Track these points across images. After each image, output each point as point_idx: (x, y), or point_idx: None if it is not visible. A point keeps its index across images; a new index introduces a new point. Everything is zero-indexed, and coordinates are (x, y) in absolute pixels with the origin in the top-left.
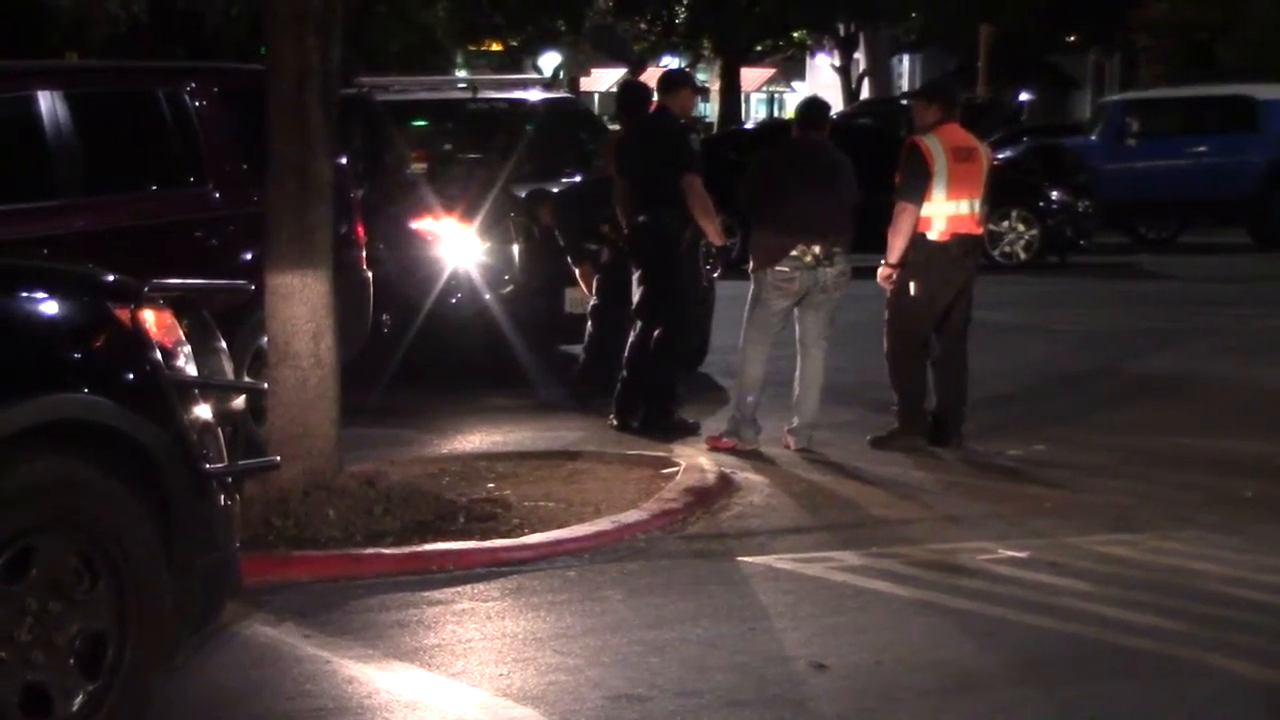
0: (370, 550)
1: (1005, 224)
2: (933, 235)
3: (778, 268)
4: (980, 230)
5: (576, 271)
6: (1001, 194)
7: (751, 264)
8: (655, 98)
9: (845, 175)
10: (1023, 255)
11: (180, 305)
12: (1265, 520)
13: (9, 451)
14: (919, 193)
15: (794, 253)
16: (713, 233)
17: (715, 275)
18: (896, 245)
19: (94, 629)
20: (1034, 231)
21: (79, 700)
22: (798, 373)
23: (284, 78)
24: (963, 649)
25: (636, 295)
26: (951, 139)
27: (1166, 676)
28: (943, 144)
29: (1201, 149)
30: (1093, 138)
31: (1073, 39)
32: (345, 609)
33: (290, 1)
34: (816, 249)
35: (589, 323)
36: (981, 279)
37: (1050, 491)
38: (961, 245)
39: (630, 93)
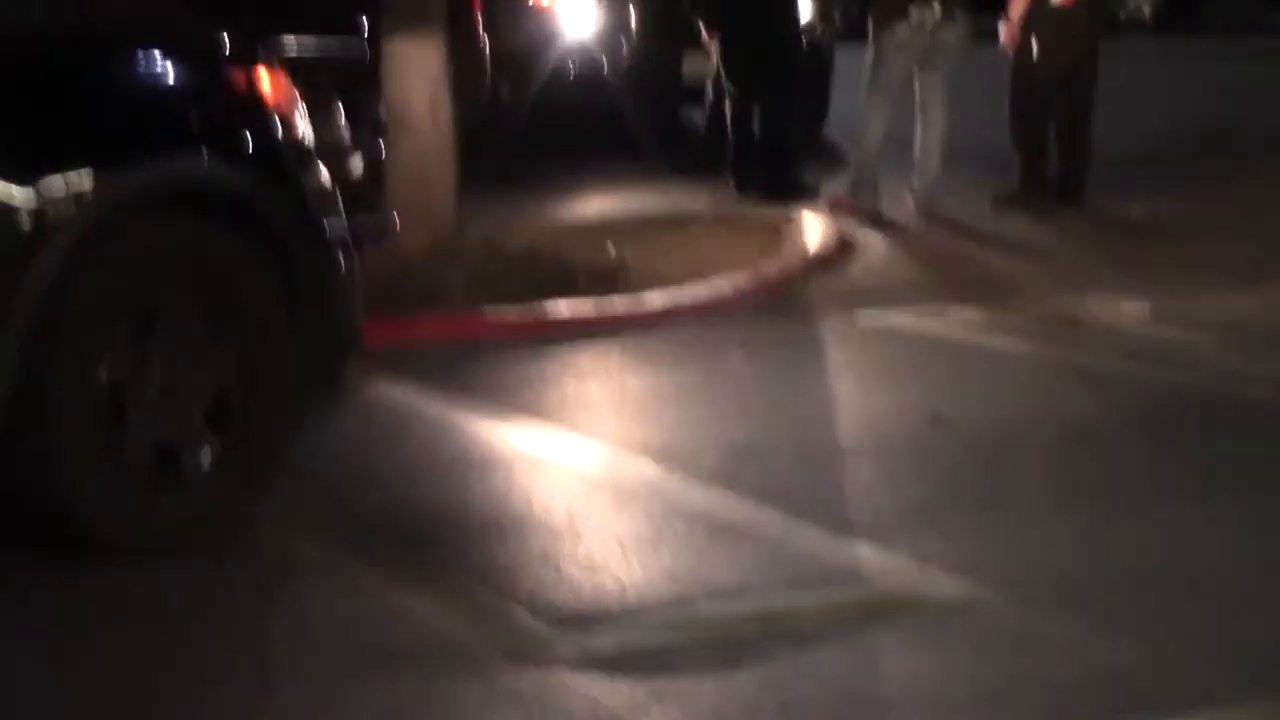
0: (491, 311)
1: None
2: None
3: (897, 27)
4: None
5: (704, 34)
6: None
7: (871, 24)
8: None
9: None
10: (1146, 17)
11: (298, 67)
12: None
13: (131, 213)
14: None
15: (915, 11)
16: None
17: (834, 34)
18: (1019, 3)
19: (221, 388)
20: None
21: (207, 457)
22: (918, 133)
23: None
24: (1084, 402)
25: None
26: None
27: None
28: None
29: None
30: None
31: None
32: (468, 368)
33: None
34: (936, 7)
35: (709, 89)
36: (1109, 40)
37: (1173, 248)
38: (1087, 4)
39: None
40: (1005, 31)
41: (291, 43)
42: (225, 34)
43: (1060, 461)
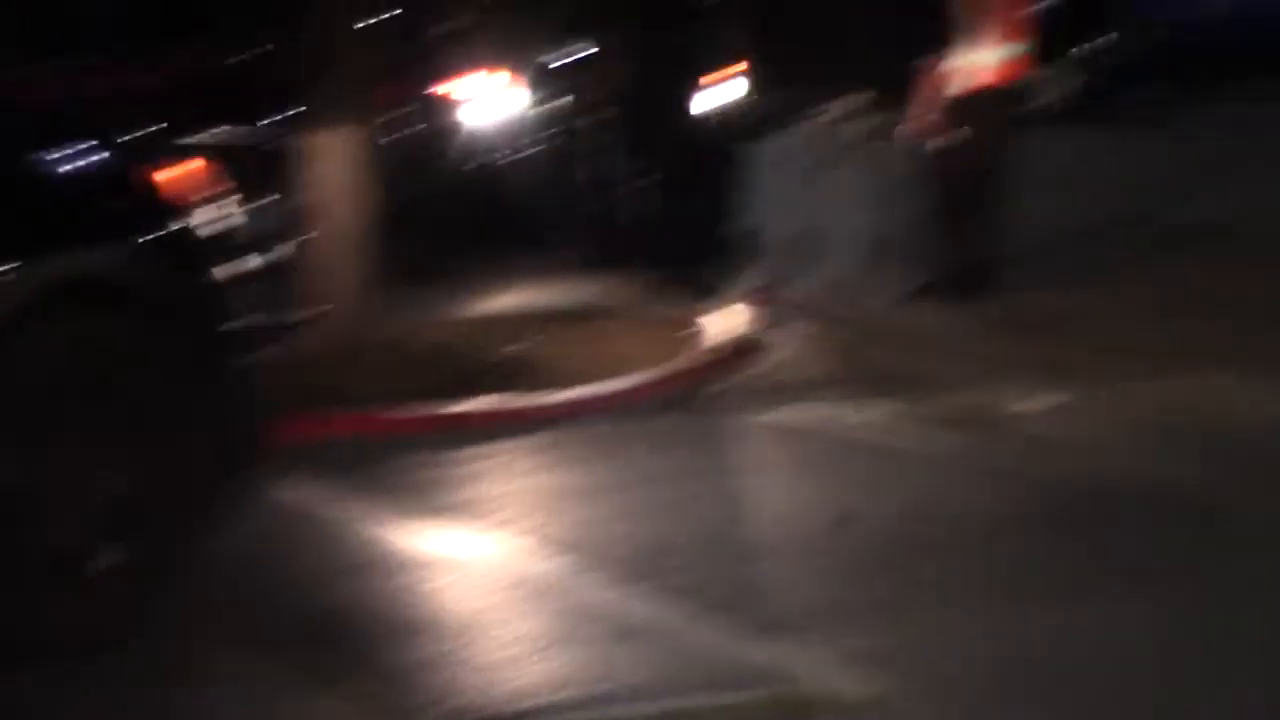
0: (400, 409)
1: (1046, 72)
2: (975, 82)
3: (814, 121)
4: (1017, 78)
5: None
6: (1042, 43)
7: (789, 116)
8: None
9: (882, 26)
10: (1060, 105)
11: (210, 157)
12: None
13: (23, 309)
14: (959, 38)
15: (833, 105)
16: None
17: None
18: (938, 93)
19: (120, 490)
20: (1078, 80)
21: (108, 559)
22: (829, 225)
23: None
24: (994, 497)
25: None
26: None
27: (1201, 521)
28: None
29: None
30: None
31: None
32: (376, 467)
33: None
34: (853, 101)
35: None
36: (1020, 131)
37: (1085, 340)
38: (1001, 93)
39: None
40: (914, 122)
41: (202, 132)
42: (128, 124)
43: (970, 557)
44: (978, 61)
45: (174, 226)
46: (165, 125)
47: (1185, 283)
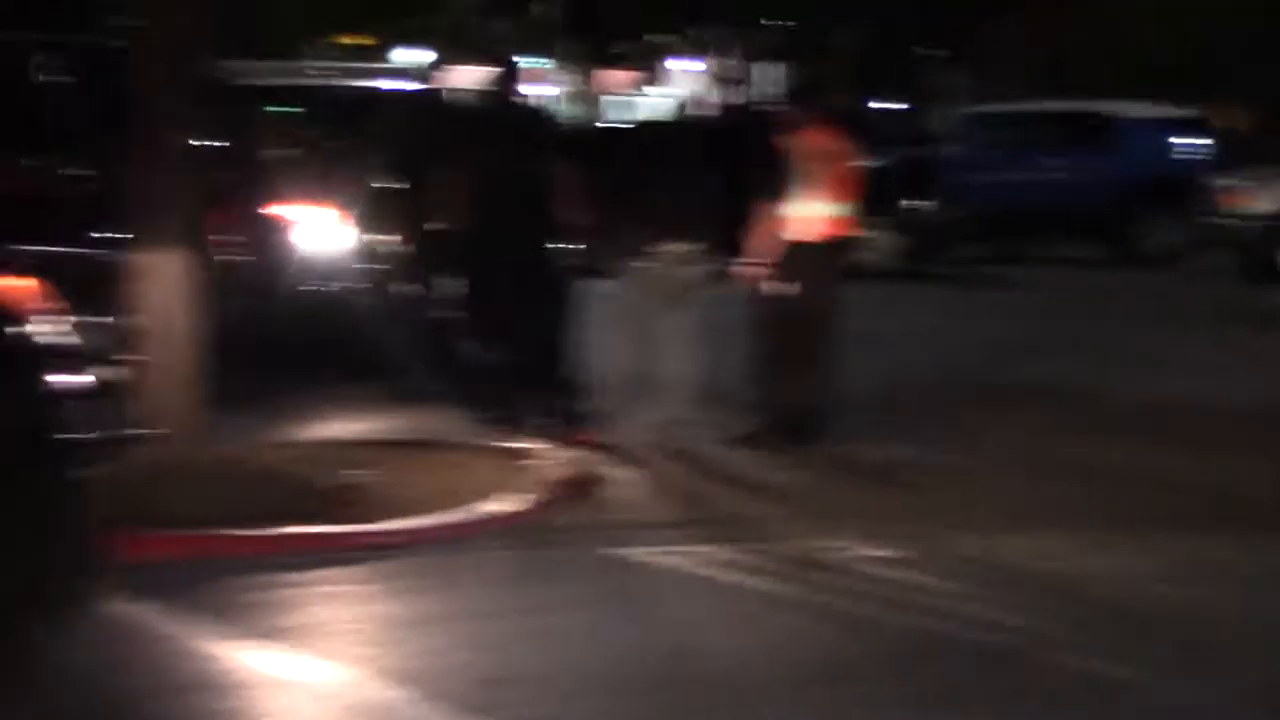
0: (232, 531)
1: (872, 231)
2: (797, 236)
3: (644, 263)
4: (846, 233)
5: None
6: (868, 201)
7: (618, 258)
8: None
9: (711, 174)
10: (889, 263)
11: (41, 272)
12: (1126, 524)
13: None
14: (784, 192)
15: (660, 248)
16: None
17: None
18: (760, 244)
19: None
20: (900, 240)
21: None
22: (662, 368)
23: (149, 49)
24: (822, 642)
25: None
26: (818, 141)
27: (1022, 672)
28: (810, 146)
29: (1060, 164)
30: (954, 148)
31: (934, 52)
32: (206, 589)
33: None
34: (681, 247)
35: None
36: (848, 285)
37: (914, 492)
38: (826, 247)
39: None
40: (747, 270)
41: (35, 248)
42: None
43: (795, 703)
44: (810, 213)
45: (4, 336)
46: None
47: (1010, 441)
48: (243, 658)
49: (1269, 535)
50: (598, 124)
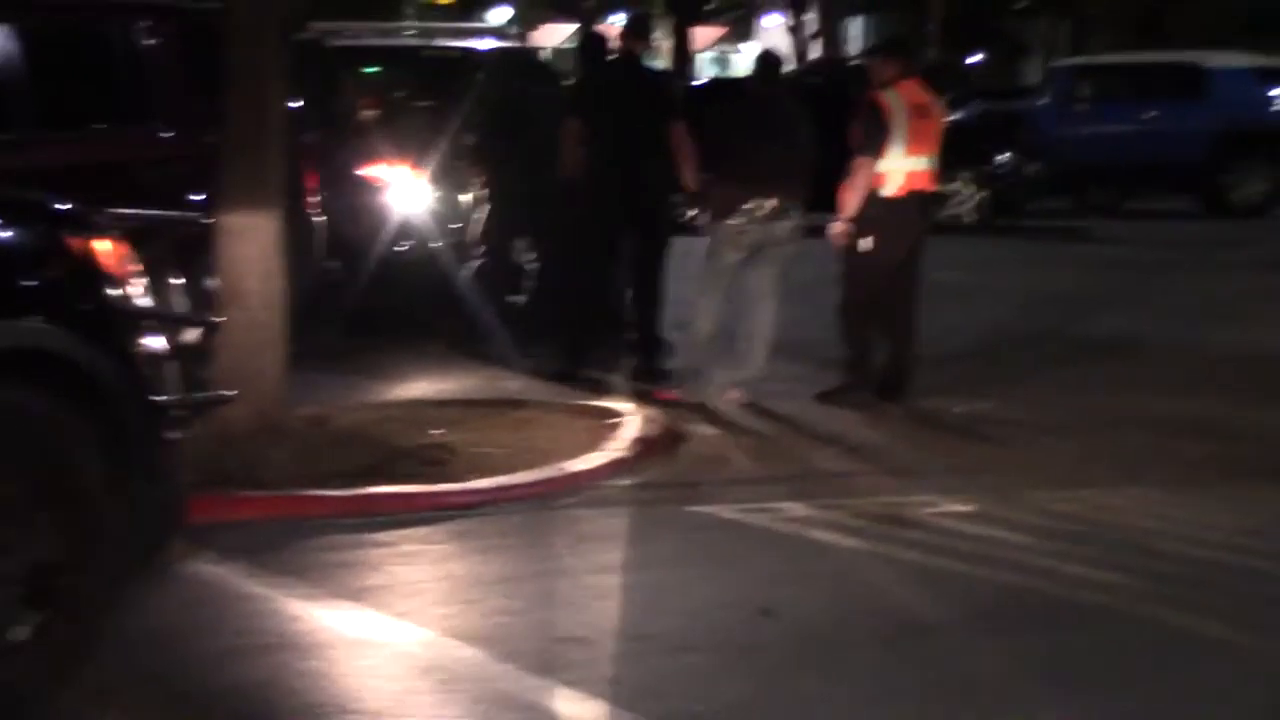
0: (316, 492)
1: (954, 185)
2: (889, 191)
3: (731, 220)
4: (934, 187)
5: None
6: (950, 156)
7: (706, 216)
8: (620, 44)
9: (801, 130)
10: (972, 217)
11: (133, 236)
12: (1208, 480)
13: None
14: (877, 147)
15: (748, 206)
16: (692, 182)
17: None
18: (853, 200)
19: (40, 559)
20: (983, 194)
21: (23, 630)
22: (745, 326)
23: (241, 11)
24: (908, 598)
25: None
26: (910, 95)
27: (1111, 628)
28: (902, 99)
29: (1151, 115)
30: (1042, 102)
31: (1024, 4)
32: (291, 549)
33: None
34: (771, 203)
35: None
36: (930, 239)
37: (996, 447)
38: (917, 202)
39: (592, 43)
40: (837, 226)
41: (127, 212)
42: (59, 201)
43: (886, 658)
44: (898, 168)
45: (95, 301)
46: (85, 202)
47: (1092, 396)
48: (326, 618)
49: None
50: (692, 81)
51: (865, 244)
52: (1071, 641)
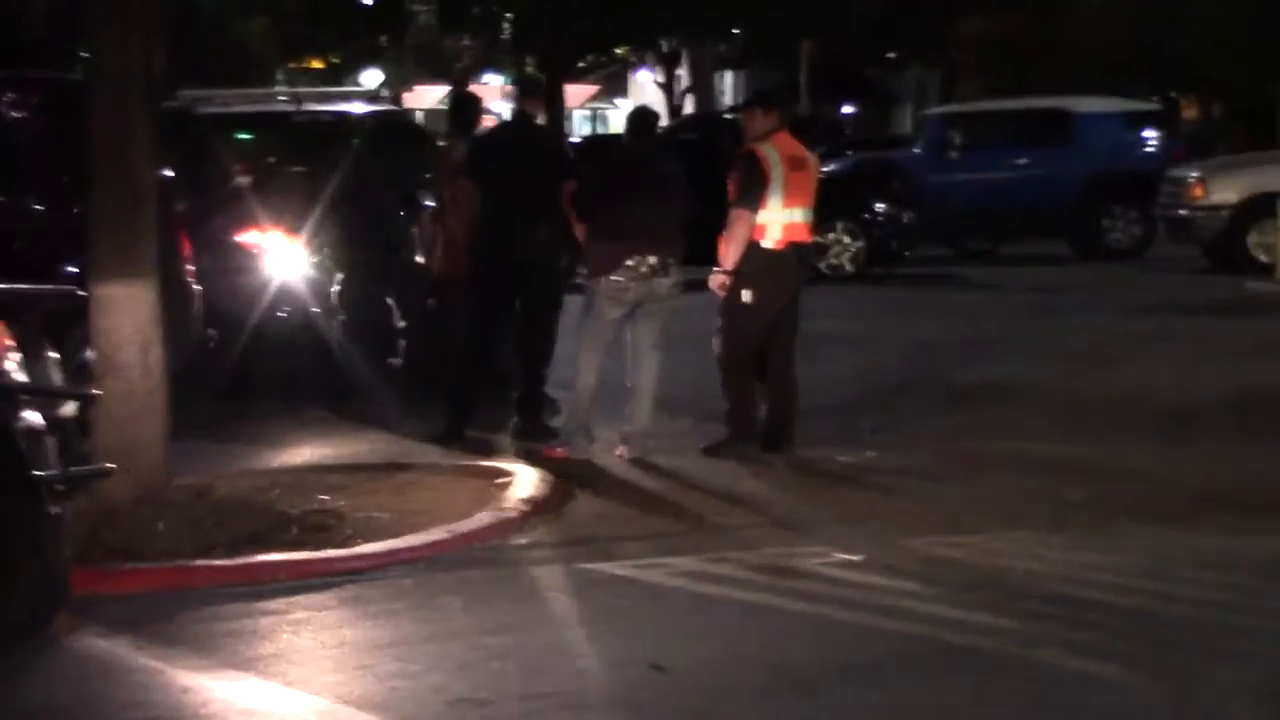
0: (202, 561)
1: (831, 236)
2: (768, 243)
3: (612, 277)
4: (810, 239)
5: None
6: (827, 206)
7: (586, 273)
8: (509, 105)
9: (678, 185)
10: (849, 267)
11: (7, 311)
12: (1089, 521)
13: None
14: (756, 200)
15: (629, 262)
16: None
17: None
18: (732, 252)
19: None
20: (859, 243)
21: None
22: (629, 381)
23: (106, 79)
24: (798, 650)
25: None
26: (786, 148)
27: (998, 673)
28: (778, 152)
29: (1021, 161)
30: (915, 150)
31: (893, 55)
32: (178, 620)
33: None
34: (651, 259)
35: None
36: (808, 289)
37: (881, 496)
38: (796, 253)
39: (465, 103)
40: (718, 277)
41: (2, 288)
42: None
43: (777, 710)
44: (775, 220)
45: None
46: None
47: (972, 441)
48: (217, 689)
49: (1232, 525)
50: (568, 138)
51: (746, 295)
52: (956, 687)
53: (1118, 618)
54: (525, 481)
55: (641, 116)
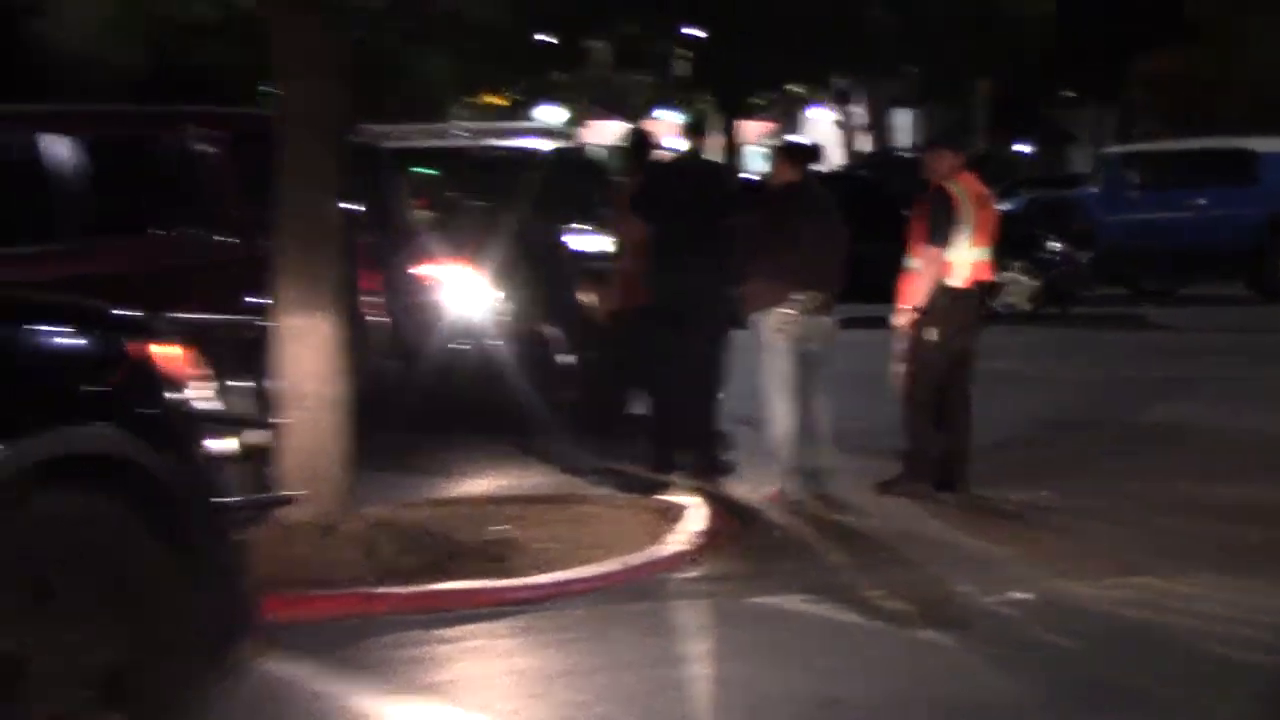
0: (382, 589)
1: (1007, 275)
2: (955, 281)
3: (779, 309)
4: (989, 277)
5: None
6: (1003, 245)
7: (750, 309)
8: (680, 141)
9: (838, 224)
10: (1025, 306)
11: (193, 340)
12: (1267, 564)
13: (24, 484)
14: (946, 238)
15: (796, 296)
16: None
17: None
18: (921, 289)
19: (113, 660)
20: (1036, 283)
21: None
22: (806, 416)
23: (293, 117)
24: (967, 685)
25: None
26: (971, 186)
27: (1183, 709)
28: (966, 190)
29: (1201, 201)
30: (1093, 189)
31: (1070, 93)
32: (358, 646)
33: (299, 40)
34: (812, 296)
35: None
36: (991, 327)
37: (1053, 536)
38: (981, 291)
39: (640, 140)
40: (904, 315)
41: (186, 317)
42: (119, 308)
43: None
44: (963, 259)
45: (157, 405)
46: (146, 308)
47: (1159, 481)
48: (395, 714)
49: None
50: (741, 175)
51: (931, 334)
52: None
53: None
54: (697, 515)
55: (799, 149)
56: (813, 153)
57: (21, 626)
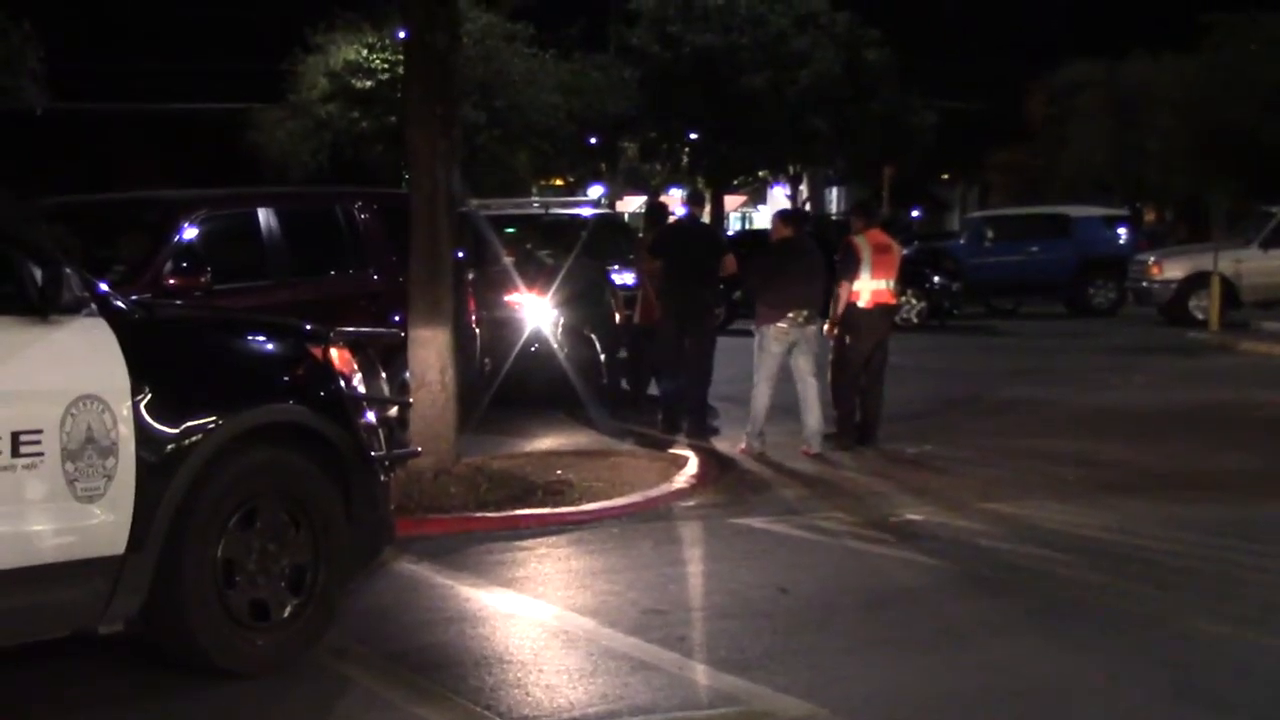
0: (479, 514)
1: (904, 298)
2: (861, 303)
3: (777, 325)
4: (894, 300)
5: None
6: (902, 278)
7: (757, 324)
8: (684, 208)
9: (819, 262)
10: (915, 319)
11: (354, 345)
12: (1083, 493)
13: (241, 442)
14: (852, 274)
15: (791, 315)
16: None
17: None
18: (837, 310)
19: (298, 562)
20: (923, 303)
21: (287, 610)
22: (800, 396)
23: (421, 195)
24: (883, 577)
25: (687, 344)
26: (873, 238)
27: (1029, 590)
28: (868, 241)
29: (1034, 249)
30: (961, 241)
31: (946, 176)
32: (462, 553)
33: (426, 143)
34: (804, 313)
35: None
36: (892, 335)
37: (937, 474)
38: (880, 310)
39: (656, 208)
40: (827, 327)
41: (350, 329)
42: (306, 323)
43: (867, 618)
44: (866, 288)
45: (330, 390)
46: (325, 323)
47: (1008, 438)
48: (488, 599)
49: (1181, 497)
50: (727, 232)
51: (847, 339)
52: (997, 597)
53: (1100, 555)
54: (693, 463)
55: (796, 213)
56: (803, 217)
57: (238, 539)
